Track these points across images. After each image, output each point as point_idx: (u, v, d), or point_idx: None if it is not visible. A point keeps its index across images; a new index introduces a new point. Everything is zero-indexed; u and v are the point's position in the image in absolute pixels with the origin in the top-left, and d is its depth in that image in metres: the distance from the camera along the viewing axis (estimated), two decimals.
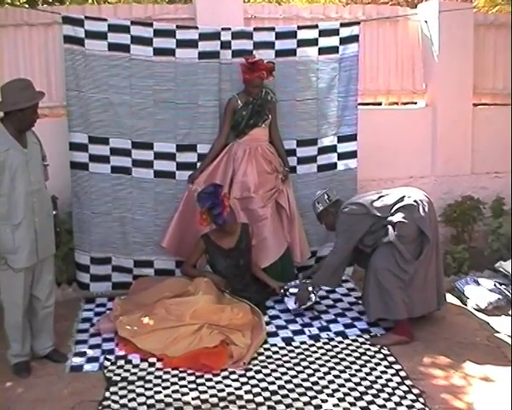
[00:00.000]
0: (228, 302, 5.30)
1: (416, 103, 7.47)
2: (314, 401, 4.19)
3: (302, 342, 5.06)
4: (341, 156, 6.37)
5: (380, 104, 7.45)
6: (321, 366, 4.66)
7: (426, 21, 7.07)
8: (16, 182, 4.41)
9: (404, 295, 4.99)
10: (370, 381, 4.43)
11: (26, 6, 7.97)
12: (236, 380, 4.47)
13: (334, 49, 6.23)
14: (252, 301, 5.43)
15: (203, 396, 4.28)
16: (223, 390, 4.35)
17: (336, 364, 4.68)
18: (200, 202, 5.58)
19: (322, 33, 6.21)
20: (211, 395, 4.29)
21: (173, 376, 4.55)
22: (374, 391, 4.30)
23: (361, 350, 4.90)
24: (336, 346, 4.99)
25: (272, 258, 5.93)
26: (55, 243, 4.83)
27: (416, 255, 5.00)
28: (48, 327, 4.83)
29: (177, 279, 5.87)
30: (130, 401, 4.24)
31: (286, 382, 4.44)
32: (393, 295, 4.97)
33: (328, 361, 4.73)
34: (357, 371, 4.58)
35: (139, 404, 4.20)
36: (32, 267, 4.58)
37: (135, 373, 4.59)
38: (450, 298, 5.70)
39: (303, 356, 4.82)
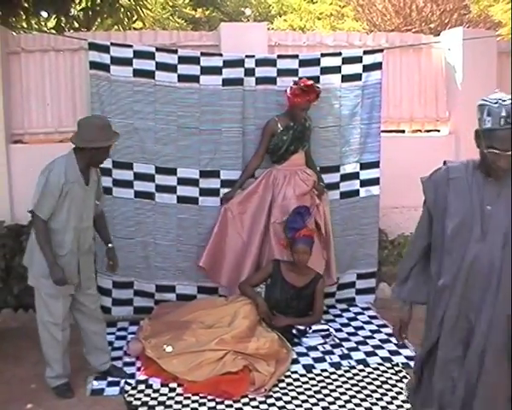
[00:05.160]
0: (260, 332, 5.24)
1: (439, 131, 7.46)
2: None
3: (323, 370, 5.02)
4: (364, 183, 6.36)
5: (403, 132, 7.45)
6: (342, 394, 4.62)
7: (449, 49, 7.10)
8: (71, 216, 4.44)
9: None
10: None
11: (53, 32, 8.14)
12: (257, 407, 4.45)
13: (357, 77, 6.24)
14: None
15: None
16: None
17: (357, 392, 4.64)
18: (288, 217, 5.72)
19: (346, 61, 6.22)
20: None
21: (194, 401, 4.53)
22: None
23: (382, 378, 4.85)
24: (357, 374, 4.94)
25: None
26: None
27: None
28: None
29: (205, 299, 5.95)
30: None
31: (306, 409, 4.42)
32: None
33: (349, 389, 4.69)
34: (378, 399, 4.54)
35: None
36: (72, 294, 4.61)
37: (155, 398, 4.57)
38: None
39: (324, 384, 4.78)
